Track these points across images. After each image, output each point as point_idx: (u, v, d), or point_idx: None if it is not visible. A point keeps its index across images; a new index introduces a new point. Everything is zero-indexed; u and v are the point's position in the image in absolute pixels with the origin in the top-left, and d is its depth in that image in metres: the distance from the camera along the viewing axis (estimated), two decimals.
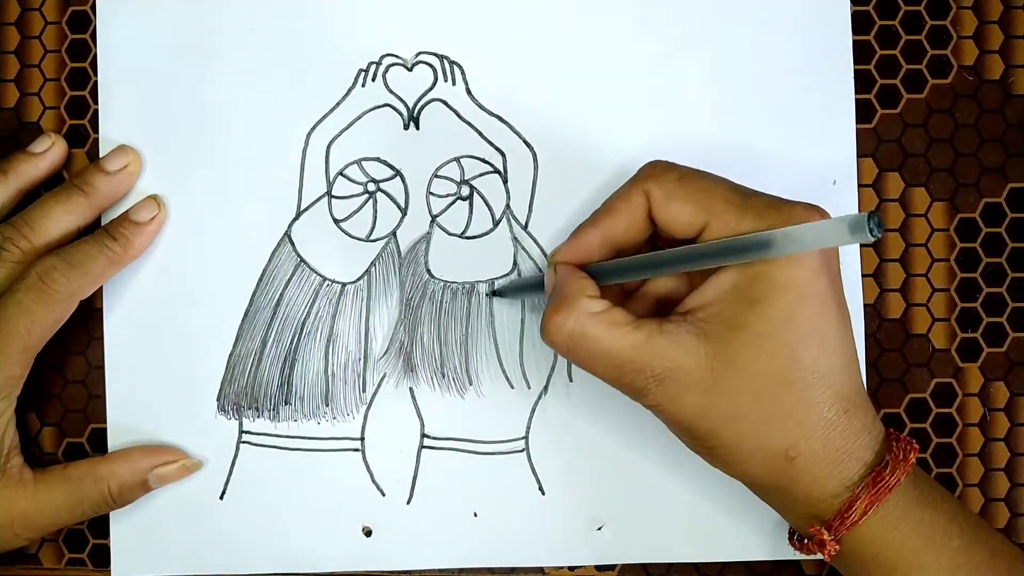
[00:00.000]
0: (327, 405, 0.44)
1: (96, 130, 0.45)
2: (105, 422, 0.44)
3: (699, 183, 0.38)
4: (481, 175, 0.44)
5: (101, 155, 0.44)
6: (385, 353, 0.44)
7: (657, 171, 0.39)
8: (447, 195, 0.44)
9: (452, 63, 0.44)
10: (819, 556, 0.38)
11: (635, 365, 0.36)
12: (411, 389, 0.44)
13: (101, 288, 0.44)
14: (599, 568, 0.44)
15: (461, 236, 0.44)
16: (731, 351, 0.35)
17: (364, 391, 0.44)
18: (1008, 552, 0.37)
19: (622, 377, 0.37)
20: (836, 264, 0.37)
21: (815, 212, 0.36)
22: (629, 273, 0.38)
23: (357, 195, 0.44)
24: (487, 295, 0.44)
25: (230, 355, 0.44)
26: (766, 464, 0.36)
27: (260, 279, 0.44)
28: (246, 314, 0.44)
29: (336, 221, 0.44)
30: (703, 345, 0.36)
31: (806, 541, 0.38)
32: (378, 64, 0.44)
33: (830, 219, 0.33)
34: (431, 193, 0.44)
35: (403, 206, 0.44)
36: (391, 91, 0.44)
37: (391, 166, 0.44)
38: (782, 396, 0.35)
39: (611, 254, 0.39)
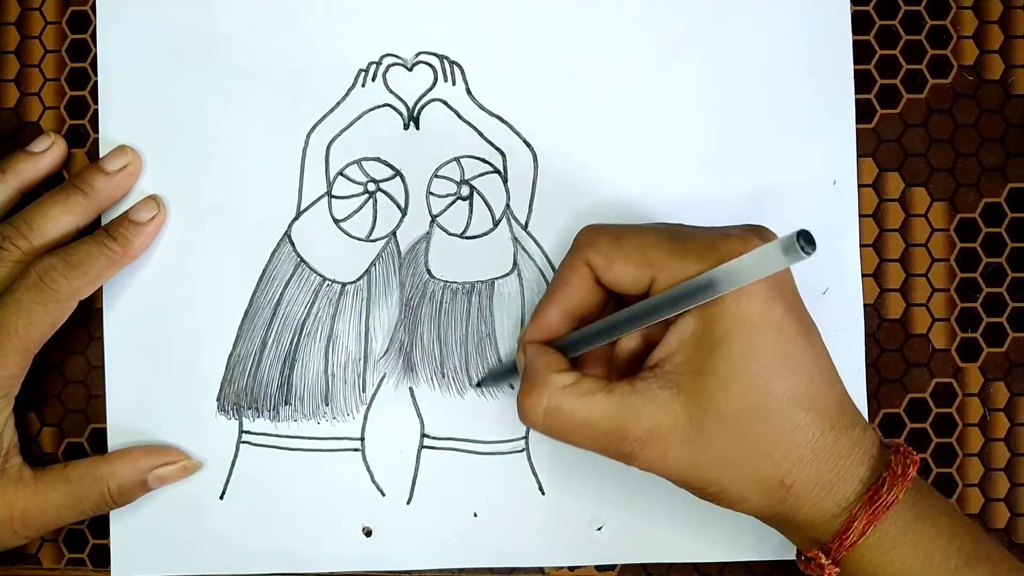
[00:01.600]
0: (327, 405, 0.44)
1: (96, 130, 0.45)
2: (105, 422, 0.44)
3: (634, 240, 0.37)
4: (481, 175, 0.44)
5: (101, 155, 0.44)
6: (385, 353, 0.44)
7: (591, 237, 0.39)
8: (447, 195, 0.44)
9: (452, 63, 0.44)
10: None
11: (616, 432, 0.36)
12: (411, 389, 0.44)
13: (101, 288, 0.44)
14: (599, 568, 0.44)
15: (461, 236, 0.44)
16: (704, 397, 0.35)
17: (364, 391, 0.44)
18: (1010, 569, 0.37)
19: (607, 446, 0.37)
20: (789, 284, 0.37)
21: (752, 239, 0.36)
22: (593, 340, 0.38)
23: (357, 195, 0.44)
24: (473, 388, 0.44)
25: (230, 355, 0.44)
26: (766, 496, 0.36)
27: (260, 279, 0.44)
28: (246, 314, 0.44)
29: (336, 221, 0.44)
30: (676, 397, 0.36)
31: (812, 562, 0.38)
32: (378, 64, 0.44)
33: (762, 247, 0.32)
34: (431, 193, 0.44)
35: (403, 206, 0.44)
36: (391, 91, 0.44)
37: (391, 166, 0.44)
38: (764, 428, 0.35)
39: (575, 324, 0.39)
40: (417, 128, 0.44)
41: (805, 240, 0.30)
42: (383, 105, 0.44)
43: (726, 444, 0.35)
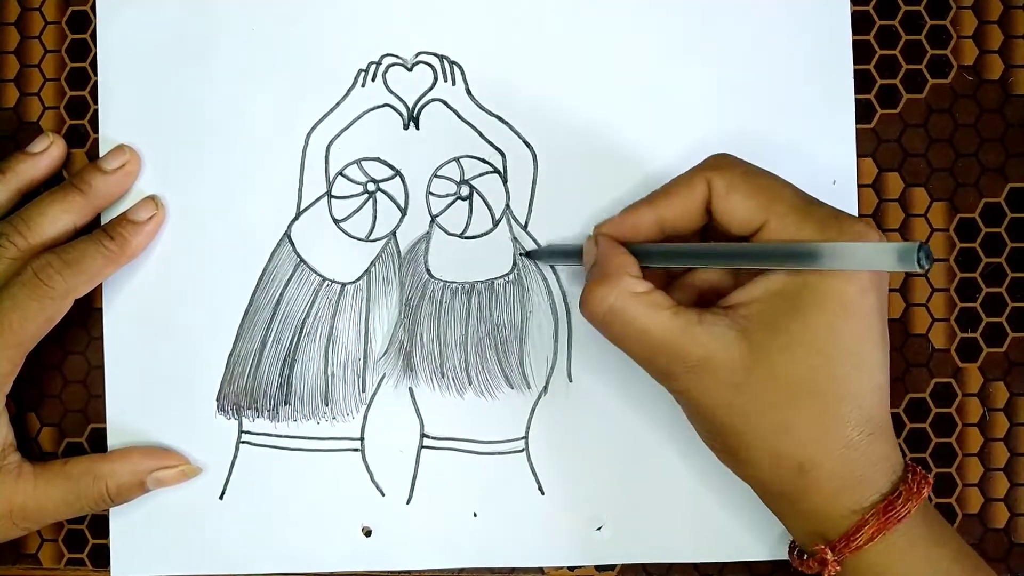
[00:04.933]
0: (327, 405, 0.44)
1: (96, 130, 0.45)
2: (105, 422, 0.44)
3: (764, 181, 0.37)
4: (481, 175, 0.44)
5: (101, 155, 0.44)
6: (385, 353, 0.44)
7: (723, 163, 0.38)
8: (447, 195, 0.44)
9: (452, 63, 0.44)
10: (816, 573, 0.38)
11: (670, 350, 0.36)
12: (411, 389, 0.44)
13: (100, 288, 0.44)
14: (599, 568, 0.44)
15: (461, 236, 0.44)
16: (767, 352, 0.35)
17: (364, 391, 0.44)
18: None
19: (654, 359, 0.37)
20: (886, 288, 0.37)
21: (872, 231, 0.35)
22: (676, 259, 0.38)
23: (357, 195, 0.44)
24: (519, 255, 0.43)
25: (230, 355, 0.44)
26: (777, 471, 0.36)
27: (260, 279, 0.44)
28: (246, 314, 0.44)
29: (336, 221, 0.44)
30: (741, 342, 0.35)
31: (806, 557, 0.38)
32: (378, 64, 0.44)
33: (879, 243, 0.32)
34: (431, 193, 0.44)
35: (403, 206, 0.44)
36: (391, 91, 0.44)
37: (391, 166, 0.44)
38: (807, 407, 0.35)
39: (659, 237, 0.39)
40: (417, 128, 0.44)
41: (925, 254, 0.31)
42: (383, 105, 0.44)
43: (765, 404, 0.35)
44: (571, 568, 0.44)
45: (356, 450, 0.44)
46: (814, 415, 0.35)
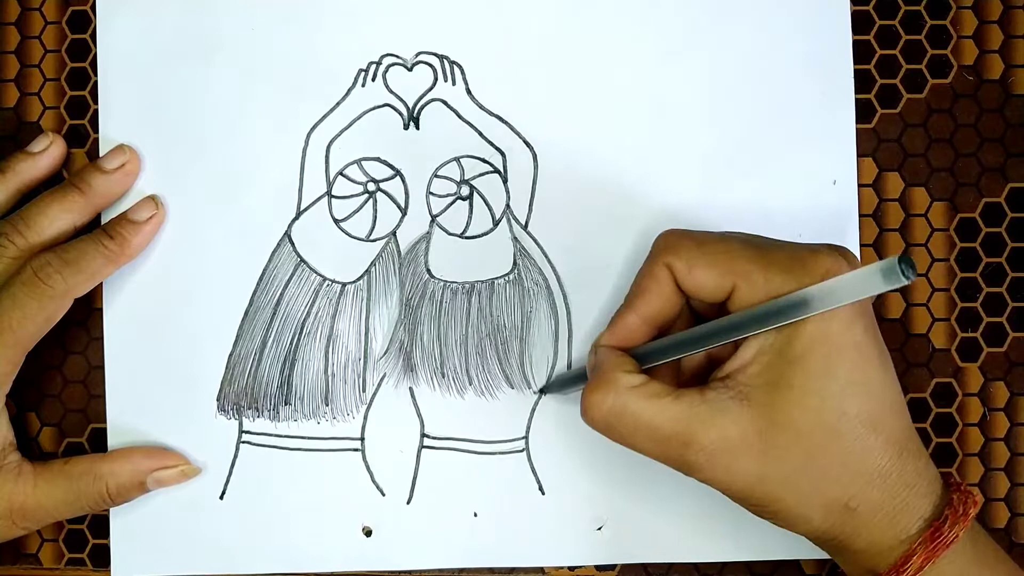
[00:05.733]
0: (327, 405, 0.44)
1: (96, 130, 0.45)
2: (105, 422, 0.44)
3: (718, 247, 0.37)
4: (481, 175, 0.44)
5: (101, 155, 0.44)
6: (385, 353, 0.44)
7: (673, 241, 0.38)
8: (447, 195, 0.44)
9: (452, 63, 0.44)
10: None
11: (681, 438, 0.36)
12: (411, 389, 0.44)
13: (101, 288, 0.44)
14: (599, 568, 0.44)
15: (461, 236, 0.44)
16: (776, 411, 0.35)
17: (364, 391, 0.44)
18: None
19: (669, 452, 0.36)
20: (868, 306, 0.37)
21: (840, 259, 0.35)
22: (671, 352, 0.38)
23: (357, 195, 0.44)
24: (535, 392, 0.44)
25: (230, 355, 0.44)
26: (828, 518, 0.36)
27: (260, 279, 0.44)
28: (246, 314, 0.44)
29: (336, 221, 0.44)
30: (747, 409, 0.35)
31: None
32: (378, 64, 0.44)
33: (862, 269, 0.32)
34: (431, 193, 0.44)
35: (403, 206, 0.44)
36: (391, 91, 0.44)
37: (391, 166, 0.44)
38: (835, 449, 0.35)
39: (653, 332, 0.39)
40: (417, 128, 0.44)
41: (907, 265, 0.30)
42: (383, 105, 0.44)
43: (796, 461, 0.35)
44: (571, 568, 0.44)
45: (356, 450, 0.44)
46: (843, 454, 0.35)
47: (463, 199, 0.44)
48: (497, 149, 0.44)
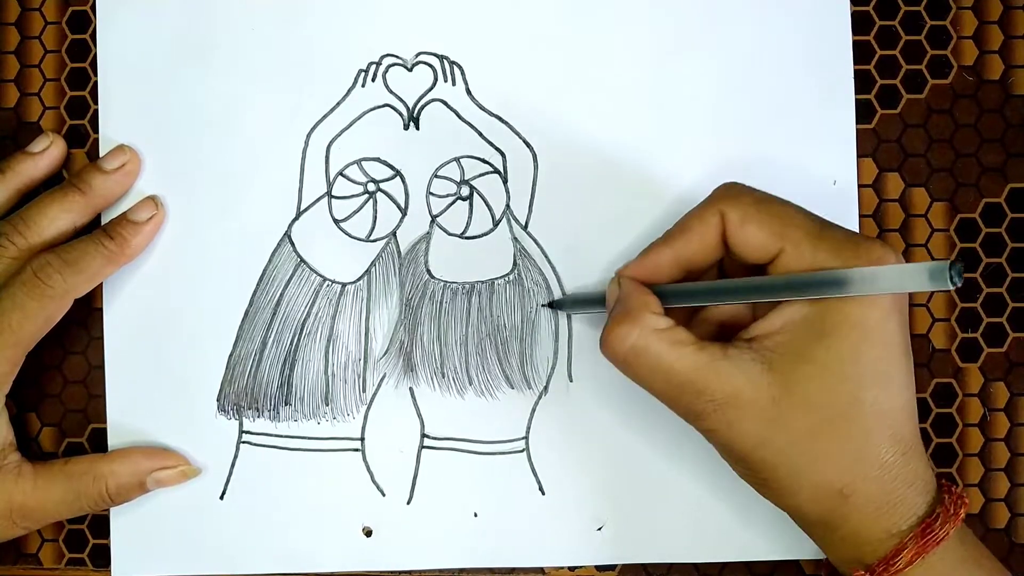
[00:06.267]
0: (327, 405, 0.44)
1: (96, 130, 0.45)
2: (105, 422, 0.44)
3: (776, 208, 0.37)
4: (481, 175, 0.44)
5: (101, 155, 0.44)
6: (385, 353, 0.44)
7: (733, 193, 0.38)
8: (447, 195, 0.44)
9: (452, 63, 0.44)
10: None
11: (695, 387, 0.36)
12: (411, 389, 0.44)
13: (101, 288, 0.44)
14: (599, 568, 0.44)
15: (461, 236, 0.44)
16: (794, 382, 0.35)
17: (364, 391, 0.44)
18: None
19: (680, 398, 0.36)
20: (906, 304, 0.37)
21: (890, 252, 0.35)
22: (698, 297, 0.38)
23: (357, 195, 0.44)
24: (542, 306, 0.43)
25: (230, 355, 0.44)
26: (818, 500, 0.36)
27: (260, 279, 0.44)
28: (246, 314, 0.44)
29: (336, 221, 0.44)
30: (767, 373, 0.35)
31: None
32: (378, 64, 0.44)
33: (910, 264, 0.32)
34: (431, 193, 0.44)
35: (403, 206, 0.44)
36: (391, 91, 0.44)
37: (391, 166, 0.44)
38: (841, 432, 0.35)
39: (680, 275, 0.39)
40: (417, 128, 0.44)
41: (956, 272, 0.30)
42: (383, 105, 0.44)
43: (800, 434, 0.35)
44: (571, 568, 0.44)
45: (356, 450, 0.44)
46: (848, 440, 0.35)
47: (463, 199, 0.44)
48: (497, 149, 0.44)
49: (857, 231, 0.37)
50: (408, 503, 0.44)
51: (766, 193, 0.38)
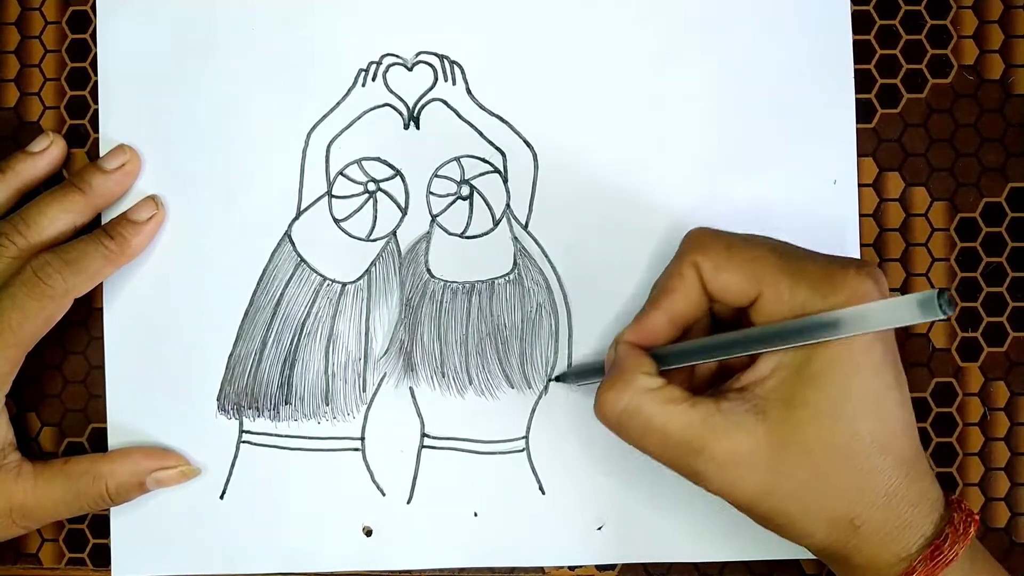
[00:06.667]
0: (327, 405, 0.44)
1: (96, 130, 0.45)
2: (105, 422, 0.44)
3: (747, 253, 0.37)
4: (481, 175, 0.44)
5: (101, 155, 0.44)
6: (385, 353, 0.44)
7: (703, 241, 0.38)
8: (447, 195, 0.44)
9: (452, 63, 0.44)
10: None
11: (692, 446, 0.36)
12: (411, 389, 0.44)
13: (101, 288, 0.44)
14: (599, 568, 0.44)
15: (461, 236, 0.44)
16: (790, 428, 0.35)
17: (364, 391, 0.44)
18: None
19: (678, 458, 0.36)
20: (890, 331, 0.37)
21: (868, 279, 0.35)
22: (694, 356, 0.38)
23: (357, 195, 0.44)
24: (551, 380, 0.43)
25: (230, 355, 0.44)
26: (832, 534, 0.36)
27: (260, 279, 0.44)
28: (246, 314, 0.44)
29: (336, 221, 0.44)
30: (761, 423, 0.35)
31: None
32: (378, 64, 0.44)
33: (898, 298, 0.32)
34: (431, 193, 0.44)
35: (403, 206, 0.44)
36: (391, 91, 0.44)
37: (391, 166, 0.44)
38: (844, 469, 0.35)
39: (677, 331, 0.39)
40: (417, 128, 0.44)
41: (945, 301, 0.30)
42: (383, 105, 0.44)
43: (804, 477, 0.35)
44: (572, 568, 0.44)
45: (357, 450, 0.44)
46: (851, 474, 0.35)
47: (463, 199, 0.44)
48: (497, 149, 0.44)
49: (826, 257, 0.37)
50: (408, 503, 0.44)
51: (735, 235, 0.38)
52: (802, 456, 0.35)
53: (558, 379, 0.44)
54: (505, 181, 0.44)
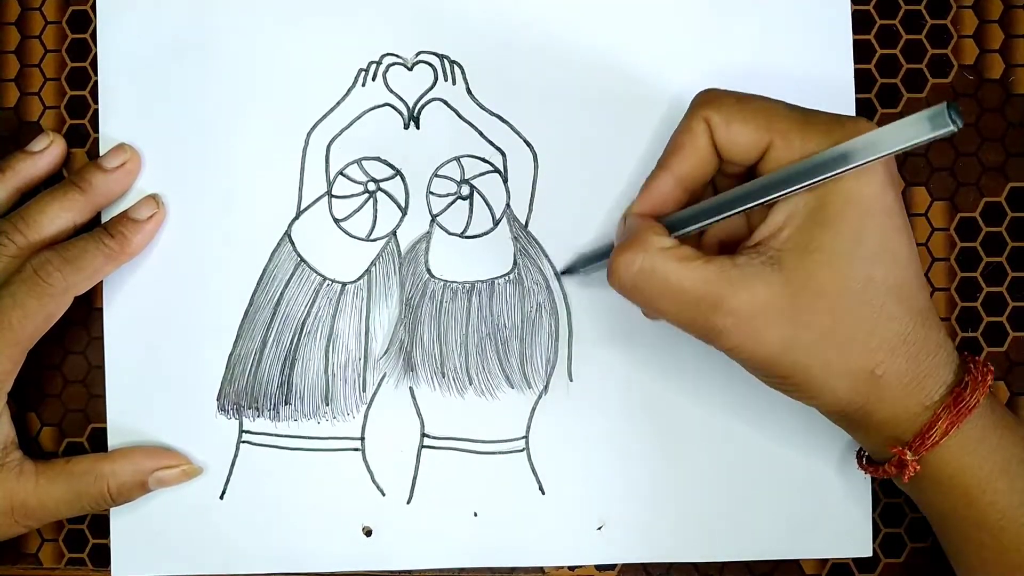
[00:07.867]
0: (327, 405, 0.44)
1: (96, 130, 0.45)
2: (105, 422, 0.44)
3: (757, 103, 0.37)
4: (481, 174, 0.44)
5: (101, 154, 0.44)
6: (385, 353, 0.44)
7: (713, 96, 0.38)
8: (447, 194, 0.44)
9: (452, 63, 0.44)
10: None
11: (710, 301, 0.35)
12: (411, 389, 0.44)
13: (101, 288, 0.44)
14: (599, 568, 0.44)
15: (461, 235, 0.44)
16: (807, 275, 0.35)
17: (364, 391, 0.44)
18: None
19: (696, 316, 0.36)
20: (899, 182, 0.36)
21: (875, 125, 0.35)
22: (706, 215, 0.37)
23: (357, 194, 0.44)
24: (557, 275, 0.43)
25: (230, 355, 0.44)
26: (854, 387, 0.36)
27: (260, 279, 0.44)
28: (246, 314, 0.44)
29: (336, 221, 0.44)
30: (778, 273, 0.35)
31: (884, 464, 0.38)
32: (378, 63, 0.44)
33: (909, 117, 0.32)
34: (431, 192, 0.44)
35: (403, 205, 0.44)
36: (391, 90, 0.44)
37: (391, 165, 0.44)
38: (862, 315, 0.35)
39: (684, 196, 0.38)
40: (417, 128, 0.44)
41: (955, 111, 0.30)
42: (383, 105, 0.44)
43: (823, 326, 0.35)
44: (571, 568, 0.44)
45: (356, 450, 0.44)
46: (869, 321, 0.35)
47: (463, 199, 0.44)
48: (497, 149, 0.44)
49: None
50: (408, 503, 0.44)
51: (745, 92, 0.38)
52: (819, 303, 0.35)
53: (565, 272, 0.43)
54: (505, 181, 0.44)
